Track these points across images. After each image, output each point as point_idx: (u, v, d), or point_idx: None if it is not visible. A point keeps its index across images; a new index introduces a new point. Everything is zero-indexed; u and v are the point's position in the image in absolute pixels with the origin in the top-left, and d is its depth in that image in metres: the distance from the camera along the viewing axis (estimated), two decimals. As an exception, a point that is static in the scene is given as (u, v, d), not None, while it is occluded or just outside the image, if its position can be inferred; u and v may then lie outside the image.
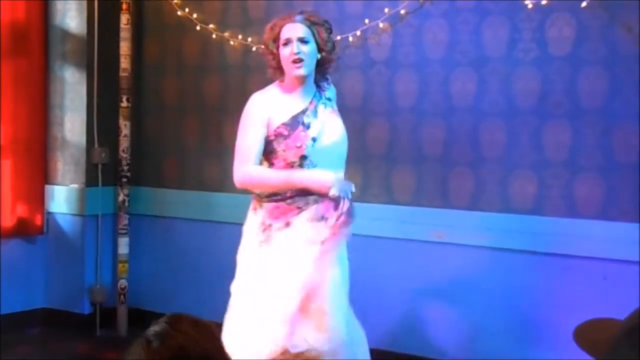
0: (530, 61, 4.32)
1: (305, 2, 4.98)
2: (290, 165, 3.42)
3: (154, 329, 1.57)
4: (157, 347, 1.53)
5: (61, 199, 5.63)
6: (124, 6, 5.47)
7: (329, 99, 3.56)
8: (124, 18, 5.48)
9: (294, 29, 3.40)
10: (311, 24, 3.43)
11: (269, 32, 3.48)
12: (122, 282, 5.56)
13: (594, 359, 1.46)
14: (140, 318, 5.31)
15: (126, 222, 5.57)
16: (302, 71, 3.40)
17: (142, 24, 5.67)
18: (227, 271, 5.32)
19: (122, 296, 5.56)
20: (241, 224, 5.22)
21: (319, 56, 3.45)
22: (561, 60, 4.25)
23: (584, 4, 4.10)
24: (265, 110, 3.45)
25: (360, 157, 4.61)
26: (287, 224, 3.44)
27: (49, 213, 5.66)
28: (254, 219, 3.56)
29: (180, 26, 5.47)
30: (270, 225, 3.47)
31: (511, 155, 4.40)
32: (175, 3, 5.42)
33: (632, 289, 3.95)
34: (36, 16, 5.54)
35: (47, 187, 5.65)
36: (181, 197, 5.52)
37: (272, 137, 3.43)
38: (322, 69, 3.53)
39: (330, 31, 3.51)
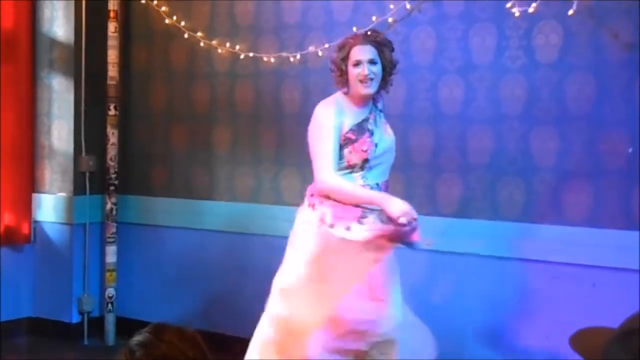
0: (517, 68, 4.34)
1: (292, 9, 4.99)
2: (352, 167, 3.63)
3: (138, 338, 1.56)
4: (141, 357, 1.52)
5: (48, 208, 5.61)
6: (112, 14, 5.46)
7: (381, 110, 3.80)
8: (112, 26, 5.47)
9: (365, 52, 3.63)
10: (378, 44, 3.66)
11: (339, 51, 3.71)
12: (110, 291, 5.54)
13: None
14: (128, 327, 5.27)
15: (114, 230, 5.55)
16: (370, 90, 3.65)
17: (129, 32, 5.66)
18: (215, 279, 5.33)
19: (110, 305, 5.53)
20: (229, 232, 5.25)
21: (382, 73, 3.68)
22: (548, 67, 4.26)
23: (570, 11, 4.11)
24: (337, 118, 3.65)
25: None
26: (348, 228, 3.59)
27: (36, 222, 5.63)
28: (312, 215, 3.68)
29: (168, 34, 5.46)
30: (332, 226, 3.61)
31: (499, 162, 4.40)
32: (163, 11, 5.41)
33: (620, 296, 3.96)
34: (24, 24, 5.53)
35: (35, 195, 5.63)
36: (169, 205, 5.51)
37: (342, 142, 3.64)
38: (380, 85, 3.72)
39: (393, 50, 3.72)
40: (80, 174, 5.55)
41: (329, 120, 3.64)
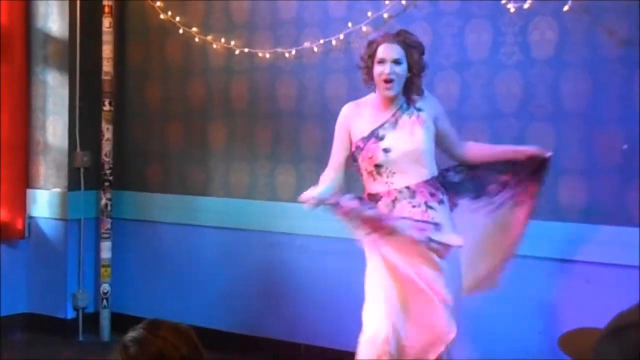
0: (513, 64, 4.34)
1: (287, 5, 4.98)
2: (370, 173, 3.68)
3: (132, 334, 1.56)
4: (135, 353, 1.52)
5: (43, 203, 5.60)
6: (106, 9, 5.45)
7: (419, 109, 3.70)
8: (106, 21, 5.45)
9: (390, 51, 3.62)
10: (406, 45, 3.64)
11: (366, 47, 3.71)
12: (105, 287, 5.53)
13: None
14: (123, 323, 5.27)
15: (109, 226, 5.54)
16: (391, 92, 3.64)
17: (124, 27, 5.65)
18: (211, 275, 5.33)
19: (104, 301, 5.53)
20: (224, 228, 5.24)
21: (408, 75, 3.64)
22: (543, 63, 4.26)
23: (566, 7, 4.12)
24: (346, 122, 3.75)
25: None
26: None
27: (30, 217, 5.62)
28: None
29: (162, 29, 5.45)
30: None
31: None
32: (158, 6, 5.40)
33: (615, 292, 3.96)
34: (18, 19, 5.51)
35: (29, 191, 5.62)
36: (164, 201, 5.50)
37: (354, 150, 3.71)
38: (406, 87, 3.68)
39: (422, 53, 3.69)
40: (75, 170, 5.54)
41: (339, 121, 3.78)
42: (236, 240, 5.23)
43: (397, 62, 3.60)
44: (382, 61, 3.61)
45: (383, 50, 3.62)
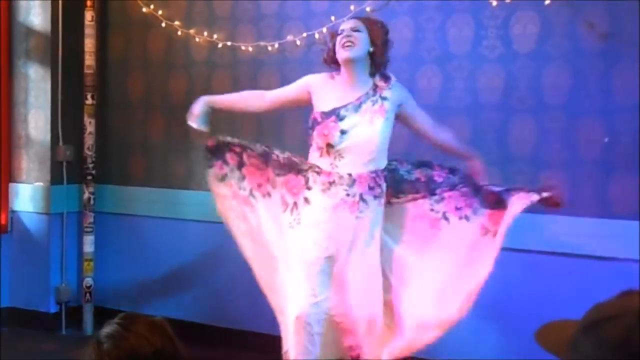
0: (494, 58, 4.35)
1: (271, 1, 4.98)
2: (320, 150, 3.67)
3: (106, 330, 1.56)
4: (108, 349, 1.52)
5: (26, 197, 5.57)
6: (89, 3, 5.42)
7: (384, 98, 3.68)
8: (89, 15, 5.43)
9: (348, 22, 3.73)
10: (366, 20, 3.73)
11: (330, 34, 3.80)
12: (88, 281, 5.52)
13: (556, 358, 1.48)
14: (107, 317, 5.25)
15: (91, 220, 5.53)
16: (349, 53, 3.62)
17: (106, 21, 5.63)
18: (194, 269, 5.32)
19: (87, 295, 5.52)
20: (207, 222, 5.24)
21: (371, 49, 3.65)
22: (525, 57, 4.28)
23: (547, 1, 4.13)
24: (312, 85, 3.78)
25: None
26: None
27: (13, 211, 5.60)
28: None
29: (145, 23, 5.43)
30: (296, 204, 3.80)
31: (476, 151, 4.40)
32: (140, 0, 5.39)
33: (596, 284, 3.98)
34: (0, 13, 5.48)
35: (12, 185, 5.59)
36: (147, 195, 5.49)
37: (312, 120, 3.71)
38: (373, 65, 3.70)
39: (385, 32, 3.72)
40: (58, 164, 5.52)
41: (305, 79, 3.82)
42: (219, 234, 5.21)
43: (355, 29, 3.64)
44: (341, 32, 3.66)
45: (343, 24, 3.72)
